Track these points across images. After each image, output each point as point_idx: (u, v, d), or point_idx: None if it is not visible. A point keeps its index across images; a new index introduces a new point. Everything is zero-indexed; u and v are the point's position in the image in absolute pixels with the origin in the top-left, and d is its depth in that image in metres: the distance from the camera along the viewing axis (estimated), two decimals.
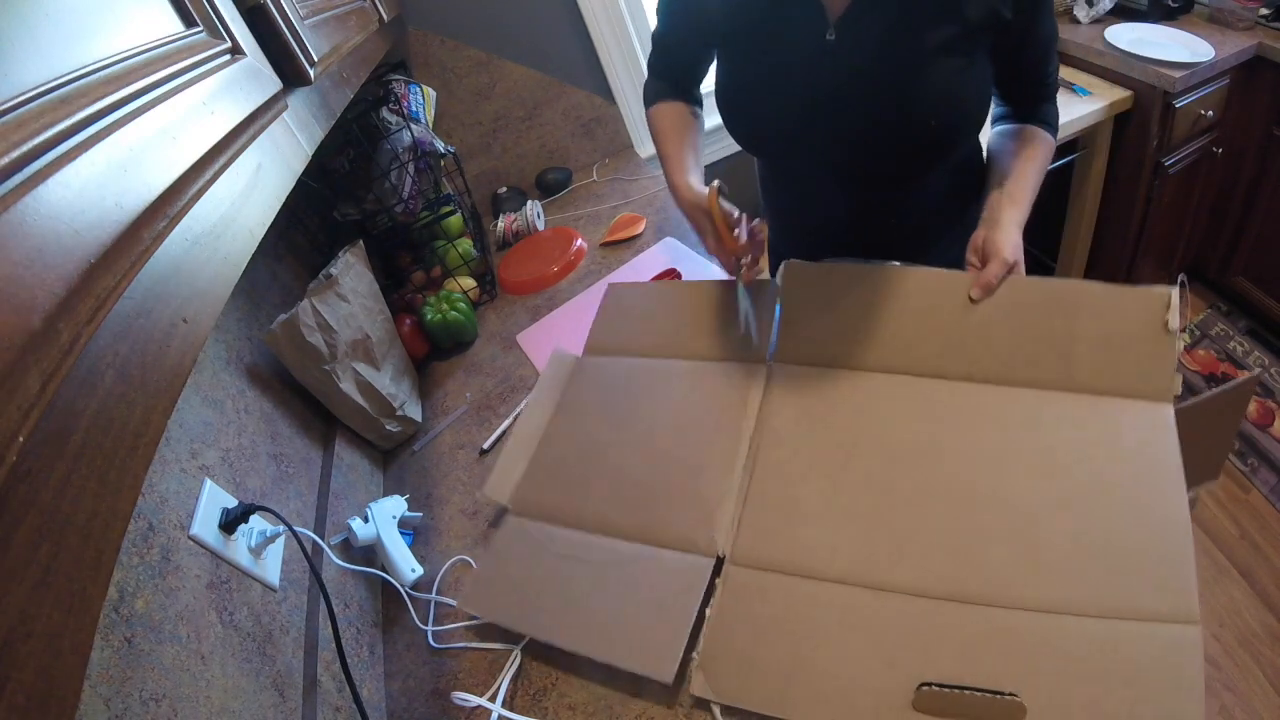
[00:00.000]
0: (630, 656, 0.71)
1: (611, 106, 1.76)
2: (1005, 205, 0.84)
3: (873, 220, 0.93)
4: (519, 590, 0.82)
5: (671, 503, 0.82)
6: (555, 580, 0.81)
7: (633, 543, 0.81)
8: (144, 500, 0.62)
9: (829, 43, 0.78)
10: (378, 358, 1.10)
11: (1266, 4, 1.60)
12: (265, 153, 0.48)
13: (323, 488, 0.95)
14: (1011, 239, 0.81)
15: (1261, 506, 1.65)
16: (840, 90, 0.80)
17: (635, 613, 0.74)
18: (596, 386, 1.00)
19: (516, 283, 1.43)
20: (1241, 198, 1.81)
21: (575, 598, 0.78)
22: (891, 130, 0.81)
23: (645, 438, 0.90)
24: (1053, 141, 0.89)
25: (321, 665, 0.73)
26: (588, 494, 0.87)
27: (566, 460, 0.92)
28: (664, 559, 0.78)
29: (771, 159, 0.99)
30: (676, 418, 0.91)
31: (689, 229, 1.41)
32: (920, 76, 0.77)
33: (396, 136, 1.29)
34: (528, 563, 0.84)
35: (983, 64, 0.79)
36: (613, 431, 0.92)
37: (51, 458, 0.22)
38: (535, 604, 0.80)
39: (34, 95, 0.26)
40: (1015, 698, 0.61)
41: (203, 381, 0.81)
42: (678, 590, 0.74)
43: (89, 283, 0.26)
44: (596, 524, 0.84)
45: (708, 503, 0.80)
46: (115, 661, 0.52)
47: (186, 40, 0.43)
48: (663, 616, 0.73)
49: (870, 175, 0.88)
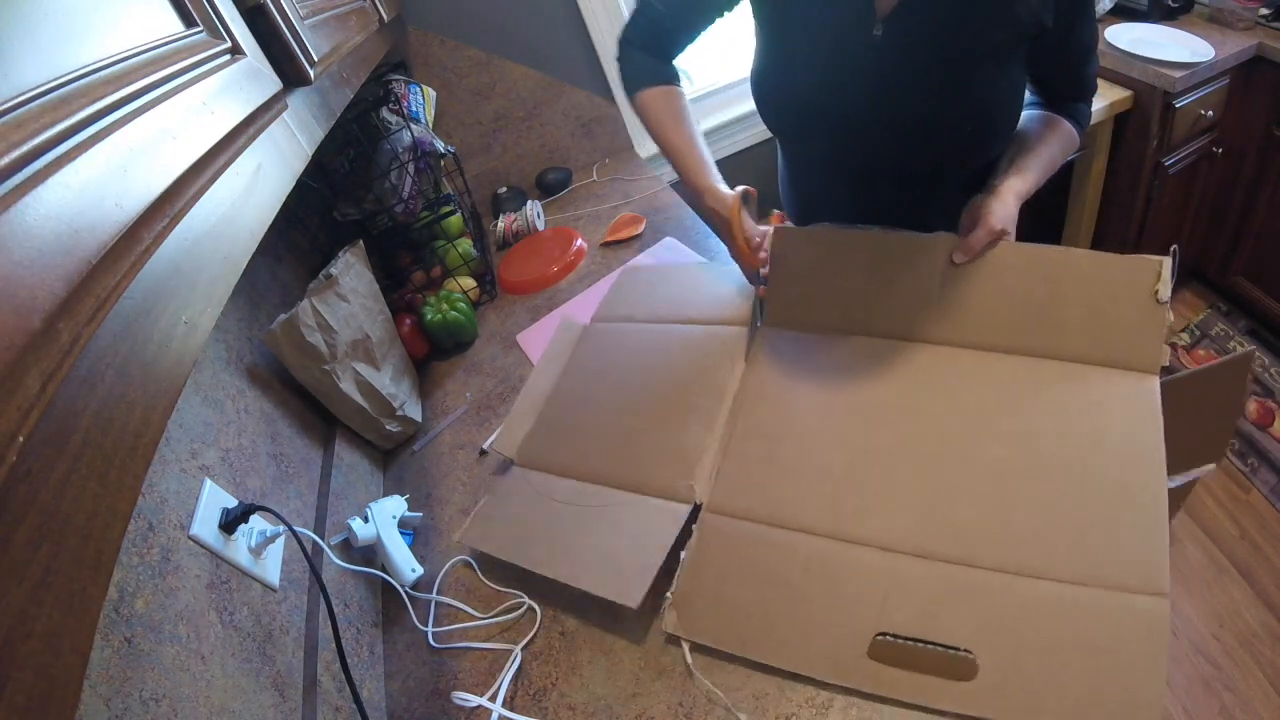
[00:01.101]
0: (604, 585, 0.75)
1: (611, 106, 1.76)
2: (1009, 175, 0.83)
3: (894, 217, 0.93)
4: (513, 529, 0.88)
5: (657, 455, 0.88)
6: (547, 521, 0.86)
7: (620, 490, 0.86)
8: (144, 500, 0.62)
9: (875, 39, 0.77)
10: (378, 358, 1.10)
11: (1266, 4, 1.60)
12: (265, 153, 0.48)
13: (323, 488, 0.95)
14: (1005, 207, 0.80)
15: (1261, 506, 1.65)
16: (882, 87, 0.79)
17: (614, 549, 0.79)
18: (599, 350, 1.06)
19: (516, 283, 1.43)
20: (1241, 198, 1.80)
21: (563, 536, 0.84)
22: (928, 130, 0.80)
23: (639, 396, 0.96)
24: (1076, 136, 0.88)
25: (321, 665, 0.73)
26: (585, 448, 0.93)
27: (568, 417, 0.99)
28: (647, 504, 0.83)
29: (802, 150, 0.99)
30: (668, 377, 0.96)
31: (689, 229, 1.42)
32: (963, 79, 0.76)
33: (396, 136, 1.29)
34: (524, 507, 0.90)
35: (1019, 71, 0.79)
36: (610, 391, 0.99)
37: (51, 458, 0.22)
38: (526, 540, 0.85)
39: (34, 95, 0.26)
40: (969, 654, 0.61)
41: (203, 381, 0.81)
42: (654, 530, 0.79)
43: (89, 283, 0.26)
44: (590, 474, 0.90)
45: (689, 456, 0.85)
46: (115, 661, 0.52)
47: (186, 40, 0.43)
48: (637, 553, 0.77)
49: (899, 173, 0.88)
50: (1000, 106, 0.80)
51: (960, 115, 0.79)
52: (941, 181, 0.88)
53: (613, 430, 0.93)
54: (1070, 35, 0.77)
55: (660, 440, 0.89)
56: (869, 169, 0.89)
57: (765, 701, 0.67)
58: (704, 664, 0.71)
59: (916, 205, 0.92)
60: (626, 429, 0.93)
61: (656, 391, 0.95)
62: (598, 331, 1.09)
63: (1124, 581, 0.62)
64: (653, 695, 0.71)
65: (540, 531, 0.86)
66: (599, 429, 0.94)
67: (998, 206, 0.80)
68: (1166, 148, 1.70)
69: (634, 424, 0.93)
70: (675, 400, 0.92)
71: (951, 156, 0.83)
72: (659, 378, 0.97)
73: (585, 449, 0.93)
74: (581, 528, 0.84)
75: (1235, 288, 1.95)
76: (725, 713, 0.68)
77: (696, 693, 0.70)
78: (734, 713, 0.67)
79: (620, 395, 0.97)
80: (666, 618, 0.74)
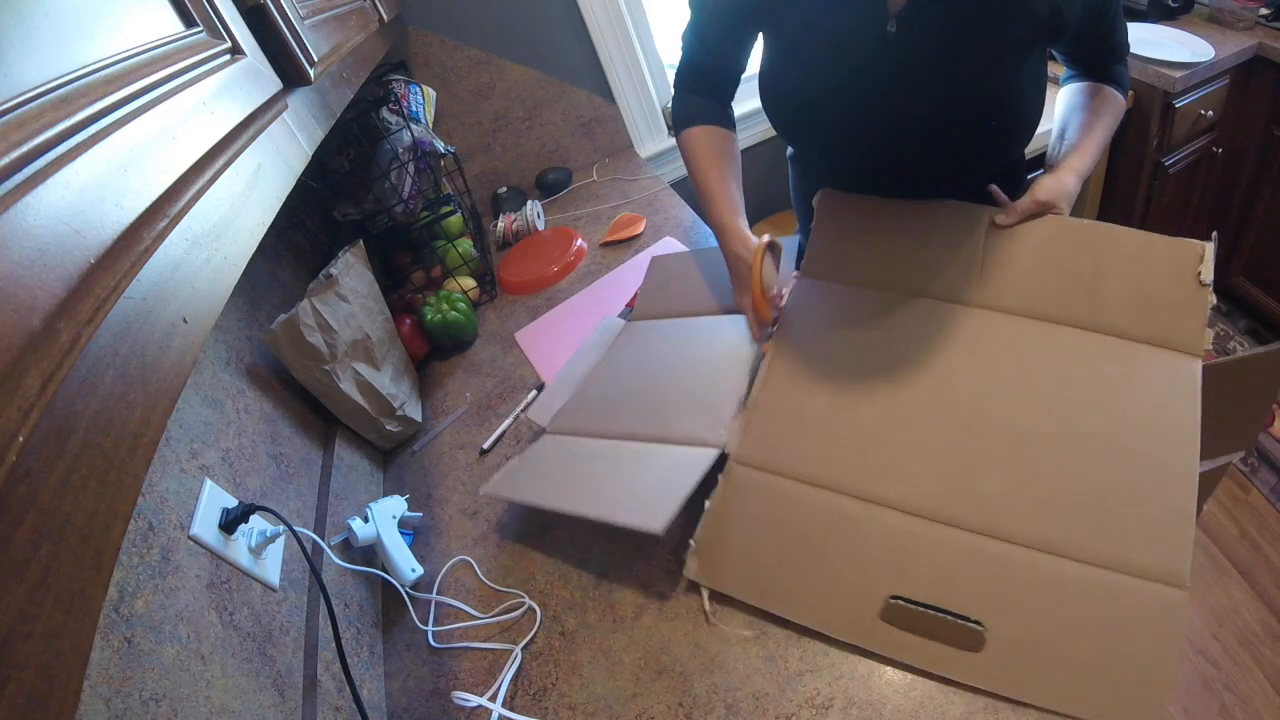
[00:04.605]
0: (627, 514, 0.74)
1: (611, 106, 1.76)
2: (1068, 154, 0.82)
3: None
4: (539, 479, 0.88)
5: (687, 410, 0.87)
6: (573, 472, 0.87)
7: (649, 443, 0.86)
8: (144, 500, 0.62)
9: (889, 35, 0.75)
10: (378, 358, 1.10)
11: (1266, 4, 1.60)
12: (265, 153, 0.48)
13: (323, 488, 0.95)
14: (1059, 183, 0.79)
15: (1261, 506, 1.65)
16: (898, 84, 0.77)
17: (640, 486, 0.79)
18: (638, 344, 1.06)
19: (516, 283, 1.43)
20: (1241, 198, 1.80)
21: (589, 480, 0.84)
22: (947, 127, 0.79)
23: (672, 371, 0.96)
24: (1122, 100, 0.87)
25: (321, 665, 0.73)
26: (617, 415, 0.93)
27: (603, 393, 0.99)
28: (674, 451, 0.83)
29: (815, 154, 0.97)
30: (703, 353, 0.96)
31: (689, 229, 1.42)
32: (981, 73, 0.75)
33: (396, 136, 1.29)
34: (552, 462, 0.90)
35: (1039, 62, 0.78)
36: (646, 370, 0.99)
37: (51, 458, 0.22)
38: (551, 487, 0.85)
39: (34, 95, 0.26)
40: (979, 626, 0.61)
41: (203, 381, 0.81)
42: (683, 467, 0.78)
43: (89, 283, 0.26)
44: (620, 433, 0.90)
45: (719, 408, 0.84)
46: (115, 661, 0.52)
47: (186, 40, 0.43)
48: (662, 487, 0.77)
49: (918, 173, 0.86)
50: (1021, 100, 0.78)
51: (980, 111, 0.77)
52: (964, 180, 0.87)
53: (645, 397, 0.93)
54: (1103, 15, 0.77)
55: (691, 395, 0.89)
56: (887, 170, 0.86)
57: (764, 702, 0.67)
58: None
59: None
60: (659, 395, 0.93)
61: (689, 366, 0.95)
62: (636, 329, 1.10)
63: (1144, 567, 0.61)
64: (653, 695, 0.71)
65: (565, 479, 0.86)
66: (632, 397, 0.94)
67: (1050, 181, 0.79)
68: (1166, 148, 1.70)
69: (666, 392, 0.93)
70: (705, 371, 0.92)
71: (972, 154, 0.82)
72: (694, 363, 0.96)
73: (617, 416, 0.92)
74: (609, 473, 0.84)
75: (1235, 288, 1.95)
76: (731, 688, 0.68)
77: (697, 691, 0.70)
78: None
79: (655, 371, 0.98)
80: (689, 564, 0.75)
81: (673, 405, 0.89)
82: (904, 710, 0.63)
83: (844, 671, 0.67)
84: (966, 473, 0.70)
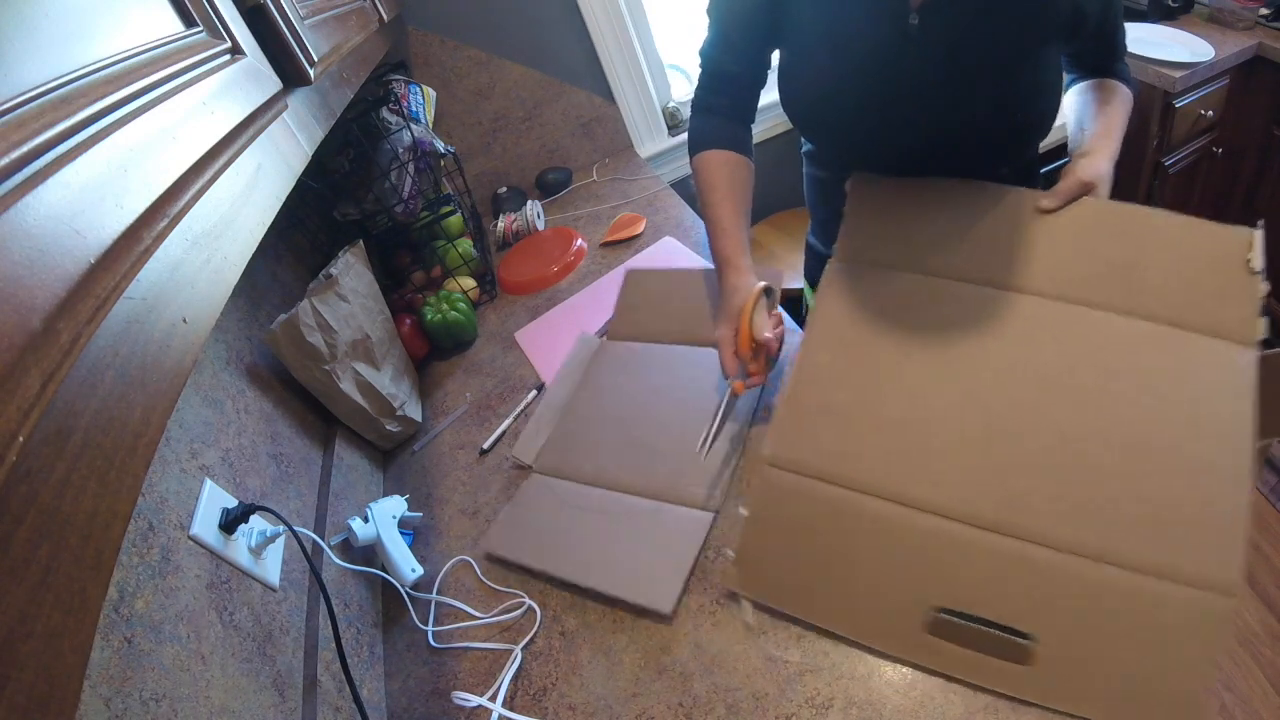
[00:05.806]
0: (635, 592, 0.78)
1: (611, 106, 1.76)
2: (1096, 139, 0.81)
3: None
4: (537, 535, 0.89)
5: (670, 456, 0.90)
6: (569, 527, 0.88)
7: (640, 497, 0.88)
8: (144, 500, 0.62)
9: (912, 28, 0.73)
10: (378, 358, 1.10)
11: (1266, 4, 1.60)
12: (265, 153, 0.48)
13: (323, 488, 0.95)
14: (1095, 164, 0.78)
15: (1261, 506, 1.65)
16: (921, 79, 0.76)
17: (643, 555, 0.82)
18: (616, 369, 1.08)
19: (516, 283, 1.43)
20: (1241, 198, 1.81)
21: (589, 542, 0.85)
22: (971, 123, 0.78)
23: (655, 412, 0.98)
24: (1130, 94, 0.87)
25: (321, 665, 0.73)
26: (603, 457, 0.95)
27: (585, 428, 1.00)
28: (667, 514, 0.85)
29: (834, 152, 0.95)
30: (683, 397, 0.98)
31: (688, 229, 1.42)
32: (1005, 66, 0.74)
33: (396, 136, 1.29)
34: (546, 512, 0.91)
35: (1057, 59, 0.77)
36: (627, 406, 1.01)
37: (51, 458, 0.22)
38: (550, 546, 0.87)
39: (34, 95, 0.26)
40: (1028, 641, 0.60)
41: (203, 381, 0.81)
42: (679, 536, 0.82)
43: (89, 283, 0.26)
44: (609, 481, 0.92)
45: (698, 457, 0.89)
46: (115, 661, 0.52)
47: (186, 40, 0.43)
48: (665, 559, 0.80)
49: (937, 167, 0.85)
50: (1044, 94, 0.77)
51: (1004, 105, 0.76)
52: (983, 176, 0.85)
53: (626, 434, 0.96)
54: (1110, 9, 0.76)
55: (670, 444, 0.91)
56: (909, 168, 0.85)
57: (764, 702, 0.67)
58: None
59: None
60: (639, 435, 0.95)
61: (672, 408, 0.96)
62: (613, 349, 1.11)
63: (1194, 575, 0.59)
64: (653, 695, 0.71)
65: (565, 538, 0.87)
66: (617, 440, 0.96)
67: (1086, 162, 0.78)
68: (1166, 148, 1.70)
69: (644, 430, 0.95)
70: (678, 414, 0.95)
71: (996, 149, 0.81)
72: (673, 397, 0.98)
73: (603, 458, 0.94)
74: (607, 534, 0.85)
75: None
76: (730, 687, 0.68)
77: (697, 691, 0.70)
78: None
79: (637, 410, 0.99)
80: (727, 574, 0.75)
81: (655, 451, 0.92)
82: (904, 710, 0.63)
83: (844, 671, 0.67)
84: (1011, 476, 0.67)
